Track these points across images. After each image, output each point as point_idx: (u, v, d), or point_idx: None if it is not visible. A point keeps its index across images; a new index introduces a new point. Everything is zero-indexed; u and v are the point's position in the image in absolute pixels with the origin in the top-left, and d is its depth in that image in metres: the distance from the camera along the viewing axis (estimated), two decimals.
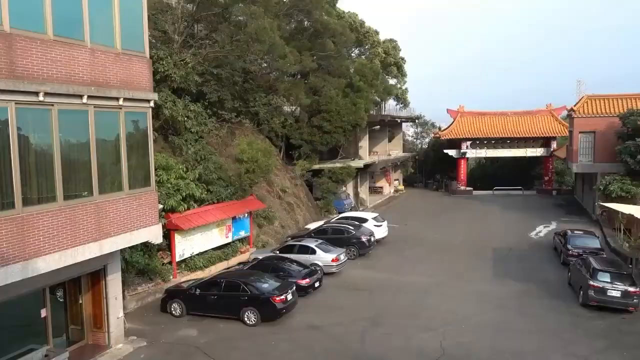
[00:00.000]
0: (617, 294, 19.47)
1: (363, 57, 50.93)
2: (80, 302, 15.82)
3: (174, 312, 18.98)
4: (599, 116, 39.09)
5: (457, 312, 19.58)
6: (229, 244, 26.12)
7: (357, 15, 50.38)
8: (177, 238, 22.30)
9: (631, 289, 19.43)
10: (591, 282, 19.80)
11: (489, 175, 62.47)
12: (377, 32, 52.28)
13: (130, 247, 17.94)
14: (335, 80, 38.70)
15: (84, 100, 12.58)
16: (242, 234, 27.25)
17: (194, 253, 23.71)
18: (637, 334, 17.82)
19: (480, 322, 18.54)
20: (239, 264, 25.51)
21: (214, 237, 24.99)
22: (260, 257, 23.66)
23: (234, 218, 26.04)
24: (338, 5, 44.83)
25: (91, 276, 15.61)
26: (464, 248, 30.58)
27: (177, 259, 22.56)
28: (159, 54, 24.20)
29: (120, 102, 13.74)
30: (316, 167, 39.96)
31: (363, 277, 24.47)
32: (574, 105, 41.91)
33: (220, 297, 18.46)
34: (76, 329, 15.87)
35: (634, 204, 29.93)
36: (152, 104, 15.15)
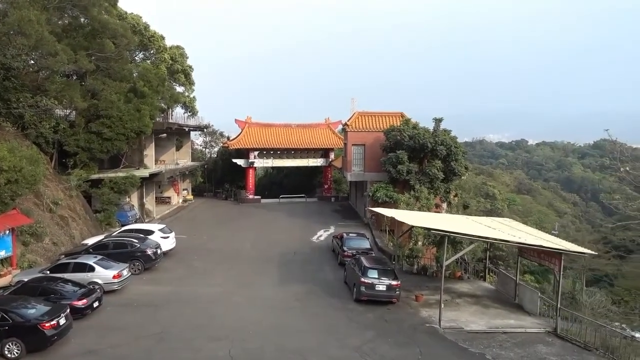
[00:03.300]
0: (383, 288, 22.10)
1: (148, 61, 48.72)
2: None
3: None
4: (368, 131, 44.06)
5: (245, 318, 19.93)
6: None
7: (141, 17, 48.04)
8: None
9: (394, 282, 22.27)
10: (362, 279, 22.12)
11: (276, 183, 65.36)
12: (163, 37, 50.54)
13: None
14: (116, 84, 36.16)
15: None
16: (2, 254, 23.54)
17: None
18: (398, 322, 20.44)
19: (266, 326, 19.15)
20: None
21: None
22: (26, 280, 20.76)
23: None
24: (120, 5, 42.11)
25: None
26: (252, 255, 31.30)
27: None
28: None
29: None
30: (95, 176, 36.73)
31: (149, 292, 23.26)
32: (348, 121, 46.54)
33: None
34: None
35: (396, 208, 34.30)
36: None
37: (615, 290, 40.86)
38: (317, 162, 56.95)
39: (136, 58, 49.27)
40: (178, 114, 53.40)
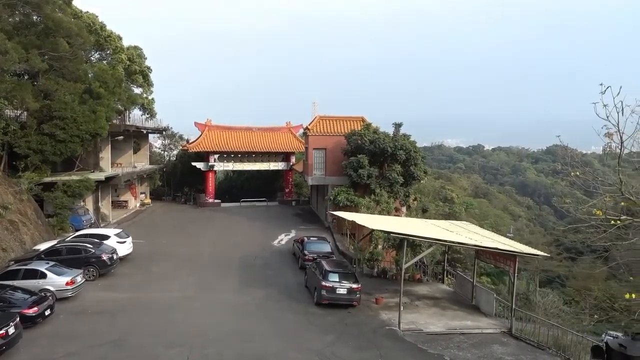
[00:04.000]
0: (344, 291, 22.20)
1: (104, 62, 47.48)
2: None
3: None
4: (329, 135, 44.25)
5: (205, 324, 19.63)
6: None
7: (97, 16, 46.79)
8: None
9: (354, 285, 22.41)
10: (323, 283, 22.17)
11: (237, 187, 64.73)
12: (120, 38, 49.37)
13: None
14: (71, 85, 35.03)
15: None
16: None
17: None
18: (359, 325, 20.58)
19: (226, 332, 18.91)
20: None
21: None
22: None
23: None
24: (75, 3, 40.91)
25: None
26: (212, 260, 30.89)
27: None
28: None
29: None
30: (48, 179, 35.47)
31: (105, 298, 22.60)
32: (309, 124, 46.62)
33: None
34: None
35: (357, 211, 34.59)
36: None
37: (567, 291, 42.38)
38: (279, 165, 56.77)
39: (92, 58, 47.93)
40: (136, 116, 52.22)
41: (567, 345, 18.60)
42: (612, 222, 10.55)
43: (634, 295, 10.46)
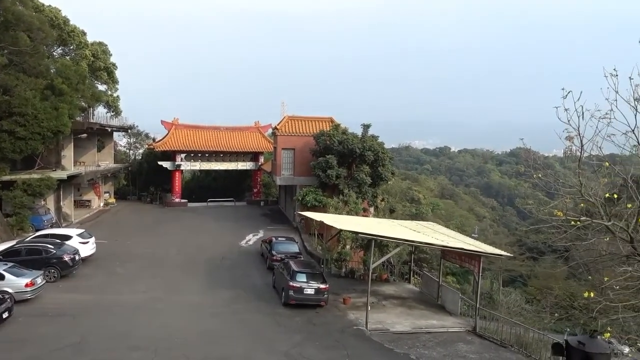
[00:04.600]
0: (311, 291, 22.21)
1: (68, 57, 46.25)
2: None
3: None
4: (298, 135, 44.22)
5: (171, 326, 19.31)
6: None
7: (60, 10, 45.55)
8: None
9: (322, 286, 22.45)
10: (291, 283, 22.13)
11: (204, 187, 63.95)
12: (84, 33, 48.19)
13: None
14: (32, 80, 33.99)
15: None
16: None
17: None
18: (326, 325, 20.62)
19: (193, 333, 18.65)
20: None
21: None
22: None
23: None
24: None
25: None
26: (178, 261, 30.45)
27: None
28: None
29: None
30: (7, 178, 34.33)
31: (66, 300, 21.99)
32: (278, 124, 46.47)
33: None
34: None
35: (325, 212, 34.66)
36: None
37: (529, 290, 43.46)
38: (247, 165, 56.39)
39: (54, 53, 46.64)
40: (100, 114, 51.01)
41: (528, 343, 19.06)
42: (572, 222, 10.85)
43: (592, 294, 10.80)
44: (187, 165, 53.98)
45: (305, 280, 22.32)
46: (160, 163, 53.18)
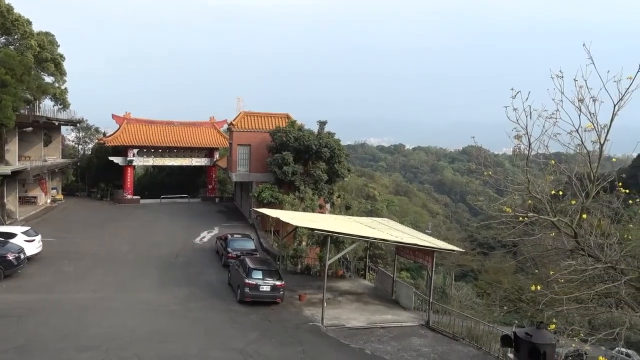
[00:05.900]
0: (267, 288, 22.13)
1: (12, 47, 44.17)
2: None
3: None
4: (254, 131, 43.88)
5: (122, 325, 18.81)
6: None
7: None
8: None
9: (278, 282, 22.40)
10: (246, 280, 21.97)
11: (157, 183, 62.54)
12: (29, 22, 46.07)
13: None
14: None
15: None
16: None
17: None
18: (282, 322, 20.59)
19: (146, 332, 18.24)
20: None
21: None
22: None
23: None
24: None
25: None
26: (130, 259, 29.71)
27: None
28: None
29: None
30: None
31: (10, 301, 21.04)
32: (233, 120, 45.98)
33: None
34: None
35: (281, 208, 34.55)
36: None
37: (480, 284, 44.77)
38: (201, 161, 55.56)
39: None
40: (47, 107, 48.91)
41: (479, 336, 19.64)
42: (520, 218, 11.22)
43: (539, 287, 11.22)
44: (140, 161, 52.71)
45: (261, 277, 22.20)
46: (111, 158, 51.68)
